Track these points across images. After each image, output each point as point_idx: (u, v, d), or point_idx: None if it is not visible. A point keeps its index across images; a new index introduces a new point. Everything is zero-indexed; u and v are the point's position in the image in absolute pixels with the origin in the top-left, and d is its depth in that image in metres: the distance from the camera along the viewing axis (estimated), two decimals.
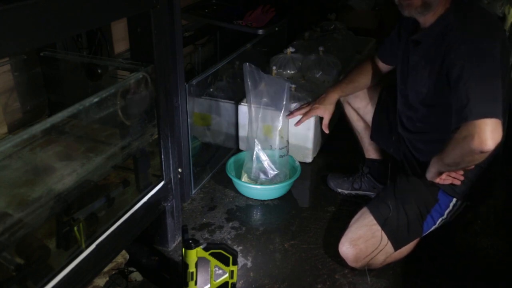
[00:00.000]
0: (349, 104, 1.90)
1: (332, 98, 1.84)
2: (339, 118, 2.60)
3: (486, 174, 1.50)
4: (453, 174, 1.46)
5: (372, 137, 1.88)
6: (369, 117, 1.86)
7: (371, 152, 1.96)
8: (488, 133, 1.21)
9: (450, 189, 1.50)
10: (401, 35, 1.64)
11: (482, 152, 1.23)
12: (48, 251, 1.22)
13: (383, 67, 1.80)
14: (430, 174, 1.45)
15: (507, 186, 2.05)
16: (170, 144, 1.52)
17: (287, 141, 2.03)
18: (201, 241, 1.54)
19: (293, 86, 2.16)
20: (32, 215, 1.12)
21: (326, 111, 1.86)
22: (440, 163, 1.40)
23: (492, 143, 1.21)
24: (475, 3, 1.41)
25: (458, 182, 1.47)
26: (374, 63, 1.81)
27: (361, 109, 1.88)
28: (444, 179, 1.45)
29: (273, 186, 1.96)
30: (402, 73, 1.60)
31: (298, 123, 1.97)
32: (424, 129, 1.56)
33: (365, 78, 1.82)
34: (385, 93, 1.82)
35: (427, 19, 1.45)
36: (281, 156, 2.01)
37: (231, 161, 2.08)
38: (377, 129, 1.84)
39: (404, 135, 1.65)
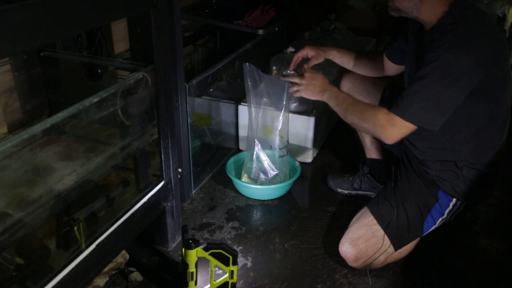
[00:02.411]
0: None
1: (327, 51, 1.85)
2: (339, 118, 2.61)
3: (486, 175, 1.50)
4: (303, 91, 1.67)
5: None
6: None
7: (372, 151, 1.96)
8: (400, 135, 1.40)
9: (451, 189, 1.50)
10: (408, 38, 1.64)
11: (380, 140, 1.43)
12: (48, 251, 1.22)
13: (389, 65, 1.80)
14: (304, 89, 1.66)
15: (507, 186, 2.05)
16: (170, 144, 1.52)
17: (287, 141, 2.03)
18: (201, 241, 1.54)
19: None
20: (32, 215, 1.12)
21: (319, 56, 1.85)
22: (340, 106, 1.57)
23: (393, 141, 1.41)
24: (473, 6, 1.39)
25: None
26: (382, 59, 1.83)
27: None
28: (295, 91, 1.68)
29: (273, 186, 1.96)
30: (409, 74, 1.61)
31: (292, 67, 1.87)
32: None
33: (368, 63, 1.85)
34: (388, 92, 1.82)
35: (426, 22, 1.45)
36: (281, 156, 2.01)
37: (231, 161, 2.08)
38: None
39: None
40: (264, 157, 1.99)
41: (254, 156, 1.99)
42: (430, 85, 1.32)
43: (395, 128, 1.39)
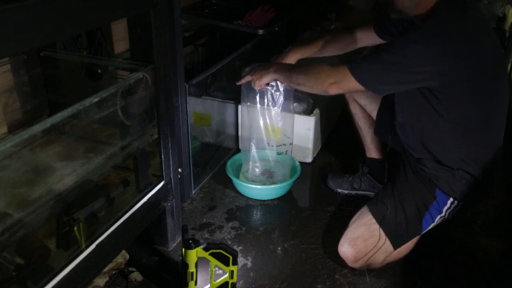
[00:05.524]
0: (356, 100, 1.90)
1: (291, 60, 1.88)
2: (339, 118, 2.61)
3: (483, 180, 1.49)
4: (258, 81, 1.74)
5: (376, 132, 1.88)
6: (376, 113, 1.86)
7: (372, 151, 1.95)
8: (340, 87, 1.47)
9: (448, 188, 1.49)
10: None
11: (324, 91, 1.51)
12: (48, 251, 1.22)
13: (370, 39, 1.81)
14: (262, 73, 1.72)
15: (507, 186, 2.05)
16: (170, 144, 1.52)
17: (289, 139, 2.02)
18: (201, 241, 1.54)
19: None
20: (32, 215, 1.12)
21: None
22: (286, 72, 1.65)
23: (332, 92, 1.49)
24: (462, 3, 1.40)
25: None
26: (356, 35, 1.83)
27: (367, 106, 1.87)
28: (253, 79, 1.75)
29: (273, 186, 1.96)
30: None
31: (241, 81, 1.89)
32: (402, 119, 1.60)
33: (335, 50, 1.89)
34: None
35: (418, 20, 1.47)
36: (279, 154, 2.01)
37: (231, 161, 2.08)
38: (380, 123, 1.84)
39: (397, 128, 1.66)
40: (263, 157, 1.99)
41: (253, 156, 1.98)
42: (386, 55, 1.39)
43: (338, 78, 1.46)
